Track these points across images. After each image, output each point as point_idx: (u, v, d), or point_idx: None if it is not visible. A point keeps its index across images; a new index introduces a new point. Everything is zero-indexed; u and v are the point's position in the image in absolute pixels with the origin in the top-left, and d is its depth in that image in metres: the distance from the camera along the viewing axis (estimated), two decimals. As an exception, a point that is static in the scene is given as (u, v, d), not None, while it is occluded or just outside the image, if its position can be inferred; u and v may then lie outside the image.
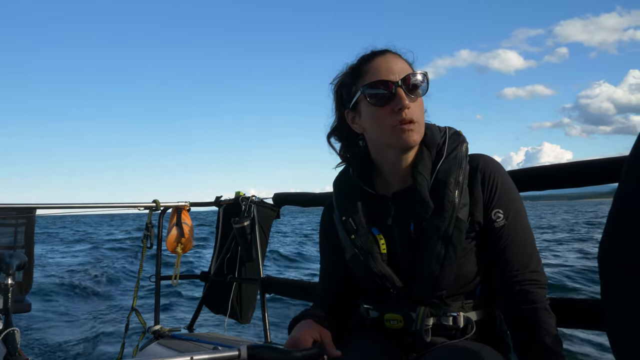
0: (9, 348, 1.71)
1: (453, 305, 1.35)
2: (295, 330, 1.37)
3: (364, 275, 1.40)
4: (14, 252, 2.71)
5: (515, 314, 1.30)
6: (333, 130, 1.50)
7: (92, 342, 6.41)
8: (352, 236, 1.39)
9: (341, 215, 1.43)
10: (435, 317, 1.34)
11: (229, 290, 3.38)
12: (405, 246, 1.36)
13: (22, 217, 3.24)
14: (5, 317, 2.01)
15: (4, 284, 2.12)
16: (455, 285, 1.33)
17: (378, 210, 1.40)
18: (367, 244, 1.37)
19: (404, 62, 1.36)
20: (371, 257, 1.36)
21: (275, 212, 3.21)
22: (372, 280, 1.38)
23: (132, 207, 3.38)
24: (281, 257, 15.49)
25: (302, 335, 1.31)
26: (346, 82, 1.41)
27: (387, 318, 1.38)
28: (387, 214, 1.39)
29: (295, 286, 2.82)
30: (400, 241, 1.36)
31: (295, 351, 1.24)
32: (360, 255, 1.37)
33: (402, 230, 1.36)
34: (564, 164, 1.65)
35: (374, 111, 1.32)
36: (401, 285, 1.35)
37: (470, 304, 1.36)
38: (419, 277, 1.32)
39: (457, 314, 1.34)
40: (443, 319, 1.34)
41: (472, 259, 1.34)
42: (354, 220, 1.39)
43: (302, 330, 1.34)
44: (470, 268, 1.34)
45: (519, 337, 1.29)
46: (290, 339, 1.34)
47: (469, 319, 1.34)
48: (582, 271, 10.26)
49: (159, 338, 3.08)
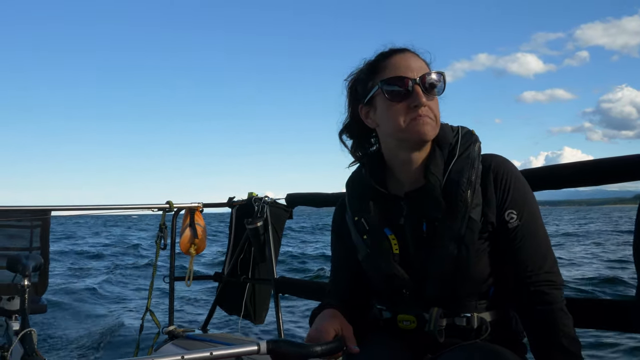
0: (26, 348, 1.72)
1: (466, 305, 1.33)
2: (317, 321, 1.36)
3: (377, 275, 1.39)
4: (30, 254, 2.73)
5: (531, 316, 1.28)
6: (345, 127, 1.49)
7: (107, 342, 6.45)
8: (364, 236, 1.39)
9: (354, 216, 1.42)
10: (448, 317, 1.33)
11: (243, 290, 3.38)
12: (417, 246, 1.35)
13: (37, 218, 3.27)
14: (22, 318, 2.03)
15: (20, 285, 2.14)
16: (469, 286, 1.32)
17: (390, 210, 1.39)
18: (380, 244, 1.36)
19: (422, 61, 1.35)
20: (383, 257, 1.36)
21: (288, 212, 3.21)
22: (384, 280, 1.37)
23: (146, 208, 3.40)
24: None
25: (324, 328, 1.30)
26: (362, 77, 1.40)
27: (400, 319, 1.37)
28: (400, 214, 1.37)
29: (309, 287, 2.82)
30: (412, 241, 1.35)
31: (314, 345, 1.23)
32: (373, 255, 1.37)
33: (415, 230, 1.35)
34: (582, 162, 1.62)
35: (390, 106, 1.31)
36: (413, 286, 1.34)
37: (483, 304, 1.34)
38: (432, 278, 1.31)
39: (471, 314, 1.32)
40: (457, 320, 1.32)
41: (485, 259, 1.32)
42: (366, 220, 1.39)
43: (324, 321, 1.33)
44: (483, 269, 1.32)
45: (535, 339, 1.27)
46: (312, 330, 1.33)
47: (483, 319, 1.32)
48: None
49: (173, 339, 3.08)
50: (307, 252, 18.48)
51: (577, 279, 10.89)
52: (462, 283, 1.31)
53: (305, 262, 15.69)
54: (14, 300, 2.89)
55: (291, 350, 1.21)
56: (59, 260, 16.52)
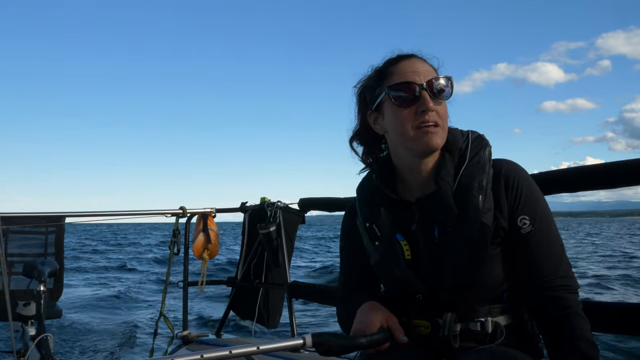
0: (43, 353, 1.74)
1: (480, 310, 1.33)
2: (359, 315, 1.35)
3: (389, 281, 1.40)
4: (46, 260, 2.76)
5: (547, 321, 1.27)
6: (355, 134, 1.50)
7: (122, 347, 6.49)
8: (376, 243, 1.39)
9: (365, 222, 1.42)
10: (462, 323, 1.32)
11: (256, 295, 3.38)
12: (429, 252, 1.34)
13: (52, 225, 3.30)
14: (38, 323, 2.05)
15: (36, 290, 2.16)
16: (482, 291, 1.31)
17: (401, 216, 1.39)
18: (391, 250, 1.36)
19: (430, 67, 1.35)
20: (396, 263, 1.35)
21: (301, 217, 3.21)
22: (397, 286, 1.38)
23: (160, 214, 3.41)
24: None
25: (369, 320, 1.30)
26: (371, 84, 1.40)
27: (414, 325, 1.36)
28: (411, 220, 1.38)
29: (322, 291, 2.82)
30: (424, 247, 1.35)
31: (359, 337, 1.23)
32: (385, 261, 1.37)
33: (426, 236, 1.35)
34: (596, 165, 1.61)
35: (398, 112, 1.31)
36: (427, 291, 1.34)
37: (497, 308, 1.33)
38: (445, 283, 1.31)
39: (485, 319, 1.32)
40: (471, 325, 1.32)
41: (498, 264, 1.31)
42: (377, 226, 1.39)
43: (368, 314, 1.32)
44: (496, 274, 1.31)
45: (552, 343, 1.26)
46: (357, 324, 1.32)
47: (498, 324, 1.32)
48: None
49: (187, 343, 3.09)
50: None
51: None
52: (475, 288, 1.30)
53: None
54: (30, 306, 2.92)
55: (336, 342, 1.21)
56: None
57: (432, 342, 1.35)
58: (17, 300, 2.88)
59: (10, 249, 3.20)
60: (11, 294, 2.88)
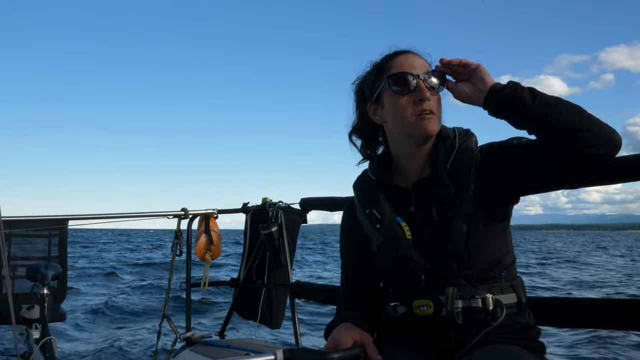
0: (47, 356, 1.75)
1: (480, 287, 1.37)
2: (334, 332, 1.41)
3: (392, 262, 1.44)
4: (49, 263, 2.77)
5: None
6: (354, 129, 1.59)
7: (125, 349, 6.50)
8: (377, 225, 1.45)
9: (364, 209, 1.50)
10: (464, 299, 1.36)
11: (259, 296, 3.39)
12: (429, 230, 1.42)
13: (55, 228, 3.31)
14: (42, 326, 2.06)
15: (40, 294, 2.17)
16: (482, 266, 1.37)
17: (399, 201, 1.48)
18: (393, 230, 1.43)
19: (424, 61, 1.46)
20: (398, 243, 1.42)
21: (303, 217, 3.22)
22: (399, 266, 1.42)
23: (162, 215, 3.42)
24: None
25: (342, 338, 1.35)
26: (369, 77, 1.50)
27: (416, 305, 1.39)
28: (409, 203, 1.46)
29: (325, 291, 2.82)
30: (424, 226, 1.43)
31: (332, 352, 1.24)
32: (387, 242, 1.43)
33: (425, 215, 1.44)
34: None
35: (397, 100, 1.41)
36: (429, 267, 1.38)
37: (496, 287, 1.38)
38: (445, 256, 1.36)
39: (486, 295, 1.36)
40: (472, 302, 1.35)
41: (495, 240, 1.40)
42: (377, 210, 1.47)
43: (341, 332, 1.38)
44: (494, 249, 1.39)
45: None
46: (329, 342, 1.37)
47: (498, 301, 1.36)
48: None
49: (190, 345, 3.10)
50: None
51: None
52: (475, 262, 1.36)
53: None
54: (33, 309, 2.93)
55: (308, 358, 1.21)
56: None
57: (435, 329, 1.38)
58: (21, 304, 2.89)
59: (14, 252, 3.22)
60: (15, 297, 2.89)
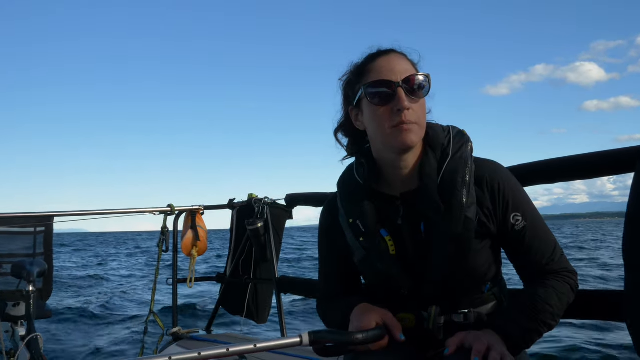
0: (33, 353, 1.75)
1: (463, 302, 1.36)
2: (353, 318, 1.34)
3: (374, 276, 1.40)
4: (34, 260, 2.76)
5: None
6: (340, 126, 1.49)
7: (112, 345, 6.49)
8: (360, 239, 1.37)
9: (348, 218, 1.40)
10: (446, 315, 1.35)
11: (245, 291, 3.41)
12: (415, 247, 1.36)
13: (41, 225, 3.29)
14: (27, 323, 2.06)
15: (25, 291, 2.17)
16: (466, 284, 1.35)
17: (385, 210, 1.39)
18: (376, 246, 1.36)
19: (408, 63, 1.35)
20: (381, 259, 1.36)
21: (288, 212, 3.23)
22: (381, 282, 1.39)
23: (148, 211, 3.42)
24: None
25: (365, 319, 1.30)
26: (351, 79, 1.40)
27: (399, 318, 1.36)
28: (396, 214, 1.38)
29: (311, 285, 2.84)
30: (410, 242, 1.36)
31: (356, 333, 1.24)
32: (370, 257, 1.37)
33: (413, 231, 1.36)
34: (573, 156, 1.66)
35: (374, 110, 1.31)
36: (411, 286, 1.35)
37: (480, 298, 1.37)
38: (430, 278, 1.33)
39: (468, 310, 1.35)
40: (454, 317, 1.35)
41: (481, 258, 1.34)
42: (361, 222, 1.37)
43: (363, 316, 1.32)
44: (480, 266, 1.34)
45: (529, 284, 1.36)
46: (355, 320, 1.32)
47: (480, 314, 1.36)
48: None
49: (177, 340, 3.11)
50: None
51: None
52: (460, 282, 1.33)
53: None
54: (19, 306, 2.92)
55: (333, 339, 1.22)
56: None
57: (417, 333, 1.36)
58: (6, 301, 2.88)
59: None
60: (0, 294, 2.88)
